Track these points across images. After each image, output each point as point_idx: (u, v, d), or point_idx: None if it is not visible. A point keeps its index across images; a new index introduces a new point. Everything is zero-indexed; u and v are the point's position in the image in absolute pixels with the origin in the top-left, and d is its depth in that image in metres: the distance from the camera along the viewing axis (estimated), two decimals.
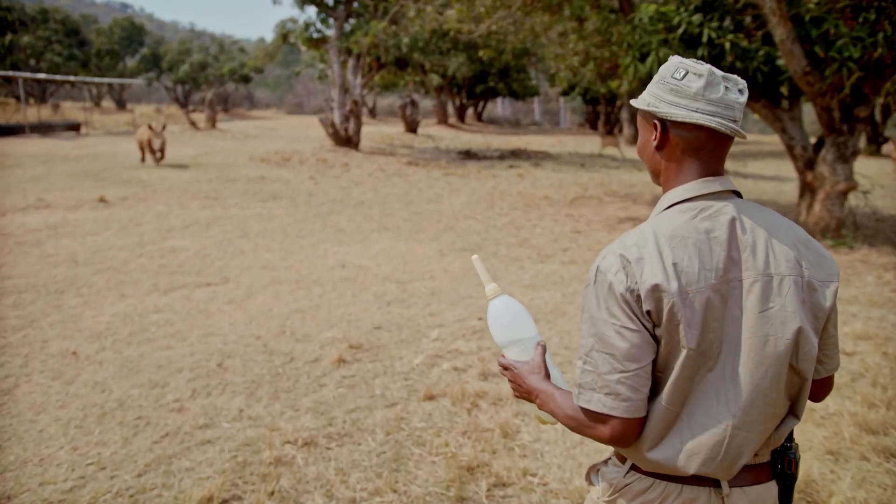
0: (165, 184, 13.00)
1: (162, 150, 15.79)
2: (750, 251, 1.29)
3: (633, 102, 1.41)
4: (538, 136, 34.59)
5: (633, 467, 1.40)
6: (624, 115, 32.69)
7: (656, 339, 1.29)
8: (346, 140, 20.48)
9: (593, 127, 43.22)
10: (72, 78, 31.08)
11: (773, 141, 35.02)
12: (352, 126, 20.44)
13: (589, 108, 44.36)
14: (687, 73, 1.32)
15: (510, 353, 1.57)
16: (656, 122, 1.37)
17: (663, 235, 1.29)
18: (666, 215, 1.35)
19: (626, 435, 1.30)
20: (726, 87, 1.31)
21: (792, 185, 16.09)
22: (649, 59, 8.78)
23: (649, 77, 9.14)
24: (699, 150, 1.34)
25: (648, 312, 1.26)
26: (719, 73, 1.32)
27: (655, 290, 1.25)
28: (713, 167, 1.36)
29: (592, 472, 1.54)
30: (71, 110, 40.98)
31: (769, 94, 9.52)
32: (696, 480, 1.34)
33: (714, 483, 1.34)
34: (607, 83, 23.84)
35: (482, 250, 8.45)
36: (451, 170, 16.84)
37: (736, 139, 1.37)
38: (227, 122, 38.35)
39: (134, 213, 10.18)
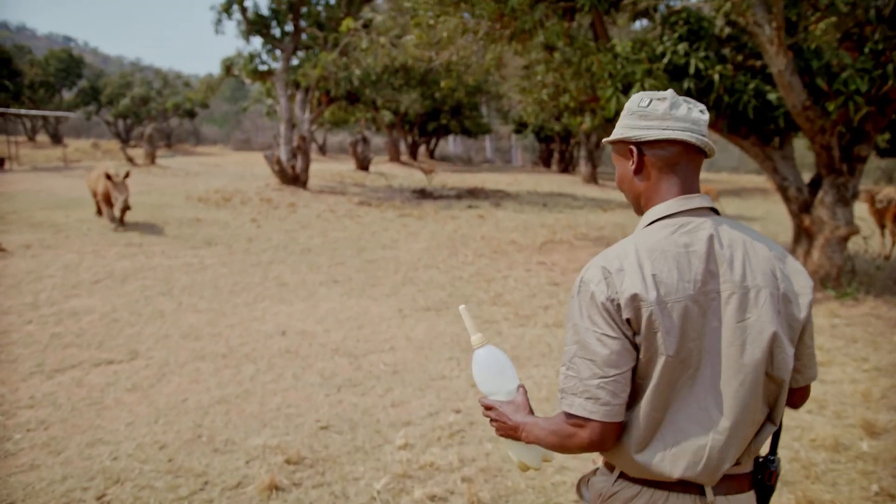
0: (83, 227, 11.42)
1: (123, 209, 11.12)
2: (727, 265, 1.38)
3: (606, 140, 1.54)
4: (492, 173, 33.86)
5: (622, 475, 1.45)
6: (581, 152, 32.31)
7: (636, 348, 1.36)
8: (294, 178, 19.14)
9: (546, 165, 42.95)
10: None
11: (749, 179, 35.29)
12: (299, 163, 19.14)
13: (542, 146, 44.13)
14: (651, 100, 1.47)
15: (494, 398, 1.61)
16: (632, 147, 1.48)
17: (644, 248, 1.38)
18: (647, 231, 1.43)
19: (605, 439, 1.37)
20: (689, 107, 1.45)
21: (780, 227, 15.54)
22: (633, 90, 7.85)
23: None
24: (675, 166, 1.45)
25: (628, 321, 1.33)
26: (681, 97, 1.46)
27: (634, 299, 1.32)
28: (690, 185, 1.47)
29: (583, 485, 1.61)
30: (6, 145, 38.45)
31: (759, 130, 8.71)
32: (682, 487, 1.39)
33: (699, 490, 1.39)
34: (565, 120, 23.29)
35: (449, 309, 7.24)
36: (406, 210, 15.68)
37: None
38: (170, 157, 36.45)
39: (35, 265, 8.62)
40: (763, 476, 1.48)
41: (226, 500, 3.43)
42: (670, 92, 1.47)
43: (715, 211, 1.46)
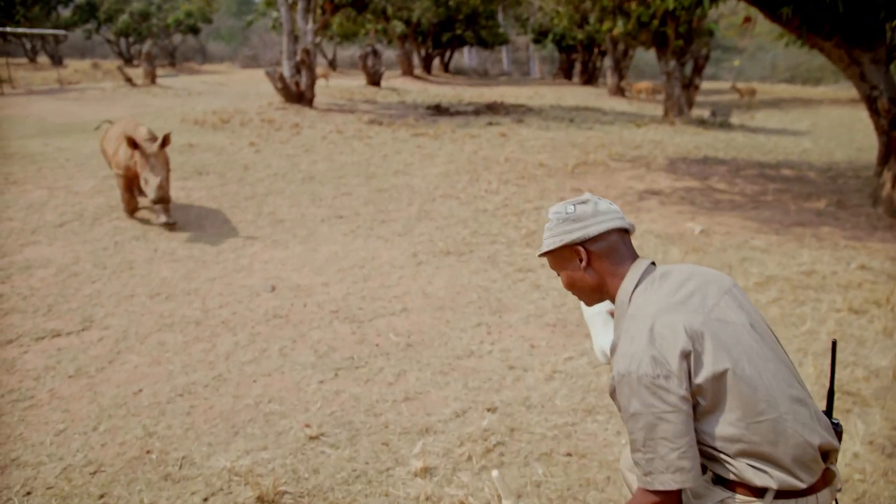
0: (61, 158, 10.23)
1: (161, 199, 6.46)
2: (703, 284, 1.62)
3: (543, 250, 1.73)
4: (511, 87, 31.80)
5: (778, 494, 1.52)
6: (606, 62, 30.08)
7: (695, 395, 1.48)
8: (299, 96, 17.64)
9: (567, 76, 40.53)
10: None
11: (783, 89, 32.91)
12: (304, 79, 17.57)
13: (563, 57, 41.49)
14: (575, 206, 1.68)
15: None
16: (578, 247, 1.67)
17: (650, 315, 1.53)
18: (636, 306, 1.58)
19: (678, 499, 1.50)
20: (606, 202, 1.70)
21: (832, 143, 13.98)
22: None
23: None
24: (617, 249, 1.67)
25: (688, 375, 1.47)
26: (594, 196, 1.71)
27: (683, 355, 1.46)
28: (632, 254, 1.70)
29: None
30: None
31: (845, 28, 7.13)
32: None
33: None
34: (592, 26, 21.24)
35: (473, 252, 6.06)
36: (420, 129, 14.23)
37: None
38: (173, 77, 34.72)
39: None
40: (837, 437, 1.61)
41: None
42: (587, 195, 1.71)
43: (653, 263, 1.70)
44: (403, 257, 5.95)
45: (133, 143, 6.32)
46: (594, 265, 1.67)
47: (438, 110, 18.36)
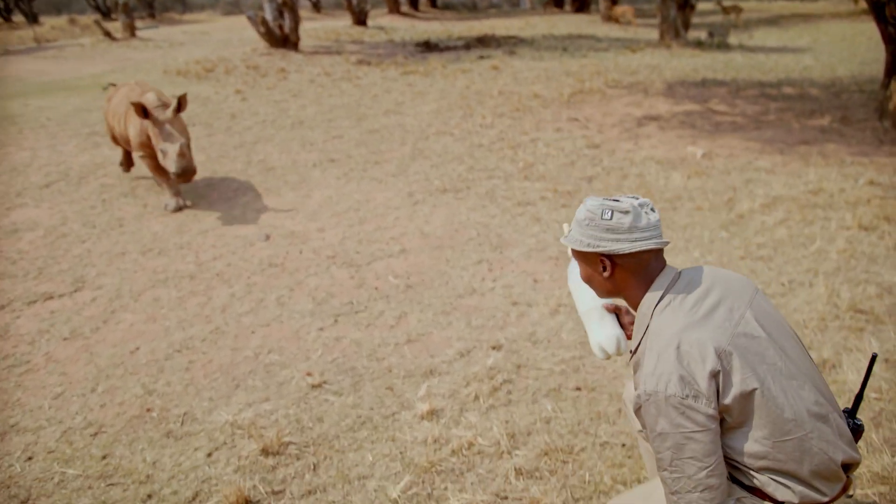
0: (42, 117, 9.94)
1: (183, 171, 5.39)
2: (726, 296, 1.54)
3: (571, 245, 1.60)
4: (501, 19, 30.82)
5: None
6: None
7: (722, 413, 1.44)
8: (283, 40, 17.09)
9: (558, 5, 39.29)
10: None
11: (782, 6, 31.91)
12: (287, 22, 16.99)
13: None
14: (612, 212, 1.54)
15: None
16: (603, 258, 1.57)
17: (674, 334, 1.46)
18: (660, 321, 1.52)
19: None
20: (646, 214, 1.55)
21: (834, 58, 13.57)
22: None
23: None
24: (646, 267, 1.58)
25: (717, 394, 1.41)
26: (636, 202, 1.55)
27: (712, 375, 1.40)
28: (659, 268, 1.59)
29: None
30: None
31: None
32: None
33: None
34: None
35: (470, 189, 5.90)
36: (410, 67, 13.81)
37: None
38: (153, 29, 33.67)
39: None
40: (857, 437, 1.59)
41: None
42: (629, 202, 1.54)
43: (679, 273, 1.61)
44: (399, 198, 5.80)
45: (142, 111, 5.29)
46: (617, 276, 1.59)
47: (428, 47, 17.82)
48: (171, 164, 5.35)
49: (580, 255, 1.63)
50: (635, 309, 1.62)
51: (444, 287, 4.08)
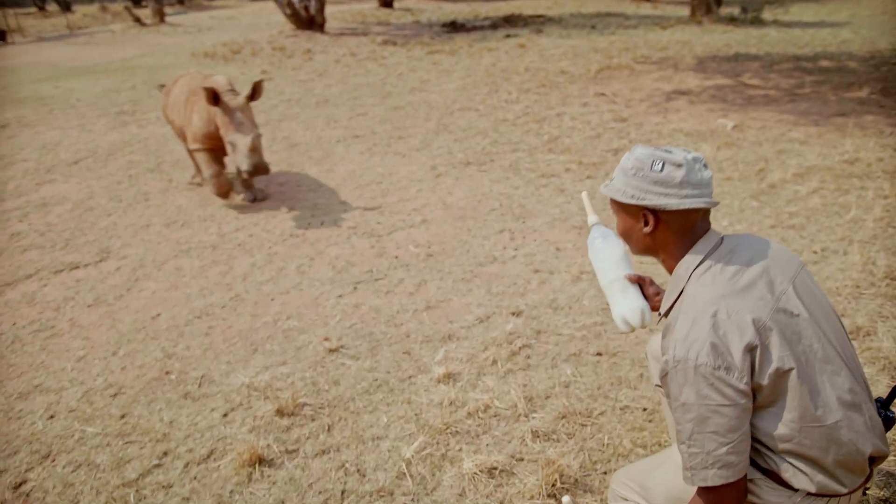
0: (71, 99, 10.09)
1: (255, 168, 4.72)
2: (770, 268, 1.43)
3: (611, 194, 1.50)
4: (529, 0, 30.45)
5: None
6: None
7: (752, 392, 1.34)
8: (309, 21, 17.09)
9: None
10: None
11: None
12: (313, 3, 16.97)
13: None
14: (664, 164, 1.43)
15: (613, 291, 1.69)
16: (647, 212, 1.47)
17: (711, 301, 1.35)
18: (698, 286, 1.42)
19: (741, 494, 1.36)
20: (700, 169, 1.44)
21: (874, 31, 13.12)
22: None
23: None
24: (692, 227, 1.47)
25: (751, 370, 1.31)
26: (690, 156, 1.43)
27: (748, 349, 1.31)
28: (704, 229, 1.48)
29: None
30: (4, 17, 36.40)
31: None
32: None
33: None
34: None
35: (494, 161, 5.81)
36: (436, 47, 13.69)
37: None
38: (182, 14, 33.99)
39: (9, 148, 7.43)
40: (886, 428, 1.48)
41: (188, 483, 2.34)
42: (681, 155, 1.44)
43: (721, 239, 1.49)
44: (422, 171, 5.74)
45: (213, 97, 4.67)
46: (659, 234, 1.48)
47: (454, 27, 17.65)
48: (241, 159, 4.68)
49: (620, 207, 1.53)
50: (671, 271, 1.53)
51: (465, 255, 4.02)
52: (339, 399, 2.74)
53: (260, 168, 4.69)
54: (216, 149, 5.10)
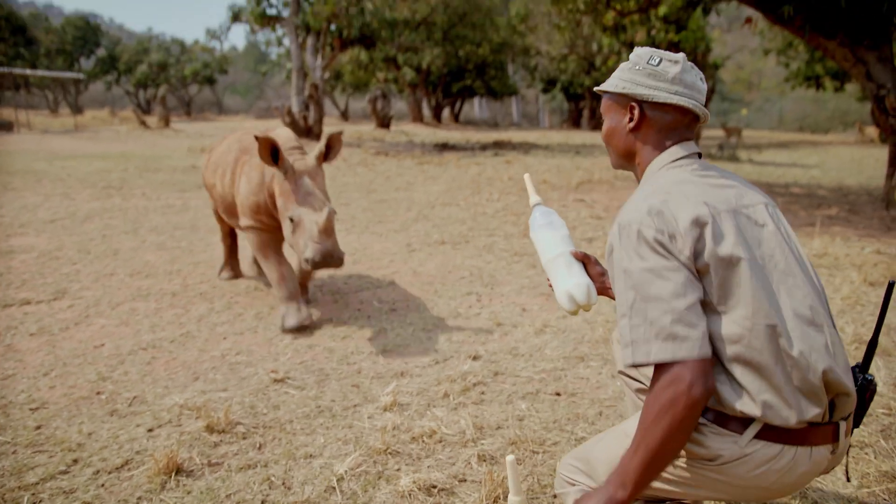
0: (62, 174, 10.22)
1: (322, 257, 3.27)
2: (743, 188, 1.39)
3: (602, 87, 1.50)
4: (520, 131, 32.11)
5: (760, 434, 1.25)
6: None
7: (699, 278, 1.26)
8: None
9: (576, 125, 40.93)
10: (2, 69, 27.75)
11: (790, 137, 32.90)
12: (312, 114, 17.76)
13: (571, 105, 42.03)
14: (661, 59, 1.43)
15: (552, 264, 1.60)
16: (633, 104, 1.44)
17: (675, 181, 1.35)
18: (664, 172, 1.40)
19: (706, 379, 1.19)
20: (696, 75, 1.44)
21: (842, 172, 13.84)
22: None
23: None
24: (675, 129, 1.44)
25: (695, 244, 1.25)
26: (689, 63, 1.45)
27: (696, 222, 1.25)
28: (687, 137, 1.45)
29: None
30: (11, 113, 37.72)
31: (848, 26, 7.04)
32: (820, 434, 1.26)
33: (834, 432, 1.28)
34: (605, 39, 21.47)
35: (469, 242, 5.83)
36: (425, 159, 14.22)
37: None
38: (187, 124, 35.42)
39: None
40: (865, 394, 1.36)
41: (94, 489, 2.11)
42: (682, 56, 1.45)
43: (699, 155, 1.47)
44: (397, 247, 5.74)
45: (271, 152, 3.36)
46: (642, 131, 1.45)
47: (445, 147, 18.43)
48: (307, 243, 3.28)
49: (609, 105, 1.50)
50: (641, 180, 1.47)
51: (429, 312, 3.92)
52: (276, 421, 2.55)
53: (332, 258, 3.28)
54: (273, 228, 3.79)
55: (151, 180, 9.91)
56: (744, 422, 1.25)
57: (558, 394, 2.74)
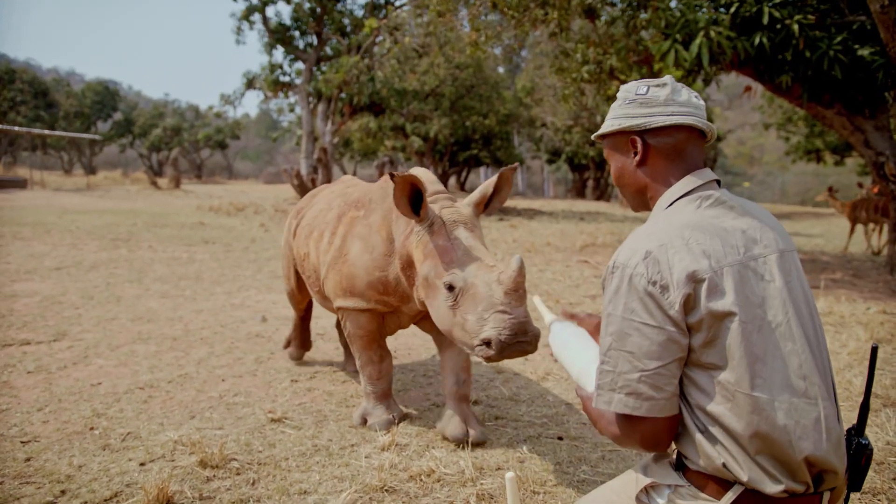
0: (71, 226, 10.34)
1: (523, 329, 2.19)
2: (758, 229, 1.30)
3: (599, 132, 1.44)
4: (525, 199, 32.54)
5: (745, 495, 1.18)
6: None
7: (687, 333, 1.20)
8: None
9: (581, 195, 41.44)
10: (16, 128, 28.47)
11: (792, 209, 33.16)
12: (320, 177, 18.06)
13: (576, 176, 42.68)
14: (648, 87, 1.38)
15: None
16: (634, 137, 1.38)
17: (679, 225, 1.25)
18: (671, 210, 1.33)
19: (659, 437, 1.21)
20: (689, 92, 1.38)
21: (822, 239, 13.87)
22: (696, 43, 6.47)
23: (697, 64, 6.84)
24: (681, 152, 1.36)
25: (686, 298, 1.18)
26: (677, 82, 1.39)
27: (692, 276, 1.18)
28: (697, 164, 1.37)
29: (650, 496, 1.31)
30: (26, 172, 38.51)
31: (846, 96, 7.23)
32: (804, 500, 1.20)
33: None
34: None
35: None
36: None
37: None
38: (197, 185, 36.05)
39: None
40: (861, 459, 1.27)
41: None
42: (669, 78, 1.40)
43: (718, 182, 1.39)
44: None
45: (411, 197, 2.47)
46: (650, 163, 1.37)
47: None
48: (485, 318, 2.22)
49: (611, 149, 1.43)
50: None
51: (432, 360, 3.87)
52: (271, 458, 2.49)
53: (526, 337, 2.22)
54: (384, 311, 2.81)
55: (158, 234, 10.01)
56: (723, 485, 1.19)
57: (560, 438, 2.68)
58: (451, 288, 2.30)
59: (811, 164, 26.26)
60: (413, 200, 2.46)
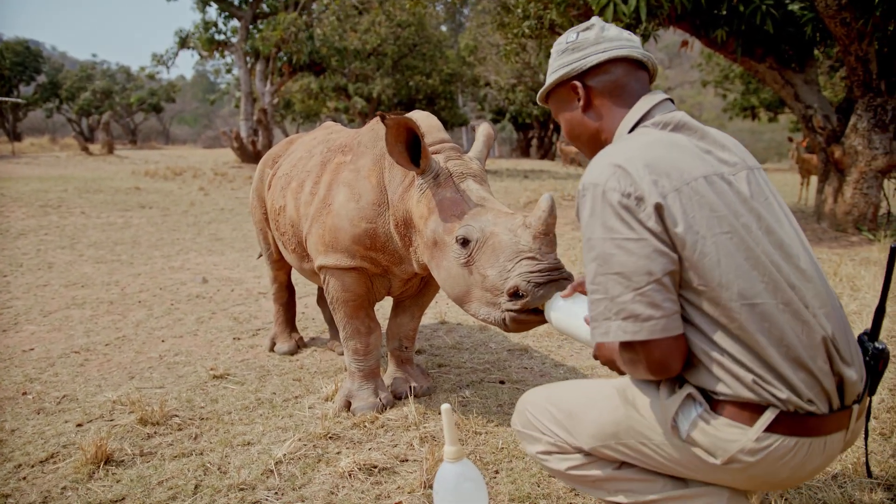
0: None
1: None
2: (719, 148, 1.28)
3: (542, 90, 1.45)
4: None
5: (773, 427, 1.12)
6: (560, 136, 31.12)
7: (671, 245, 1.14)
8: (255, 155, 17.63)
9: (525, 154, 41.71)
10: None
11: None
12: (261, 139, 17.62)
13: (520, 135, 42.87)
14: (577, 33, 1.38)
15: None
16: (574, 83, 1.37)
17: (642, 144, 1.22)
18: (635, 134, 1.29)
19: (667, 360, 1.14)
20: (618, 28, 1.38)
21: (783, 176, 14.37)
22: None
23: (635, 18, 6.89)
24: (624, 86, 1.34)
25: (658, 211, 1.13)
26: (605, 22, 1.39)
27: (663, 188, 1.15)
28: (642, 88, 1.36)
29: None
30: None
31: (777, 50, 7.42)
32: (835, 422, 1.16)
33: (846, 419, 1.18)
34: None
35: None
36: None
37: None
38: (132, 151, 34.65)
39: None
40: (878, 363, 1.25)
41: (13, 483, 2.00)
42: (596, 19, 1.40)
43: (671, 101, 1.36)
44: None
45: (408, 142, 2.17)
46: (595, 104, 1.36)
47: None
48: (511, 267, 1.88)
49: (557, 105, 1.42)
50: None
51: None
52: (213, 413, 2.47)
53: (562, 274, 1.85)
54: (377, 272, 2.47)
55: (91, 200, 9.62)
56: (756, 410, 1.13)
57: (502, 381, 2.75)
58: (465, 242, 1.97)
59: (747, 121, 27.02)
60: (410, 148, 2.14)
